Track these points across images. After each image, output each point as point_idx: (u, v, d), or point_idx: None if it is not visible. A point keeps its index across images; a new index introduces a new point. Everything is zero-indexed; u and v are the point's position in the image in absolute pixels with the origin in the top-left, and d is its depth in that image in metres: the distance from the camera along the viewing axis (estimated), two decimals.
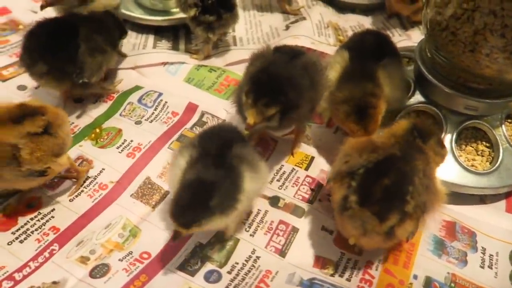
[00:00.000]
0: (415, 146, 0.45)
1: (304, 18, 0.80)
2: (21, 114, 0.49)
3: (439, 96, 0.55)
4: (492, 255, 0.51)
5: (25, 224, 0.51)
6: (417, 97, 0.58)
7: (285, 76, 0.49)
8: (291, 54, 0.54)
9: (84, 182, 0.56)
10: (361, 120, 0.52)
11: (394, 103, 0.55)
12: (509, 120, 0.59)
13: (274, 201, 0.54)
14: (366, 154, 0.45)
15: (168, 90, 0.68)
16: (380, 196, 0.43)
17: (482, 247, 0.51)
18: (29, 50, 0.58)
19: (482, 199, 0.56)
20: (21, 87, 0.68)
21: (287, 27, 0.79)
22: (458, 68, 0.52)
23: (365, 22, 0.83)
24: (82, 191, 0.55)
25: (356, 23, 0.82)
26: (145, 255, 0.49)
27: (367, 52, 0.56)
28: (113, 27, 0.67)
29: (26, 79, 0.68)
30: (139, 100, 0.67)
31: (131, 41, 0.77)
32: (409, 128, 0.46)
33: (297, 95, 0.49)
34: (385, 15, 0.84)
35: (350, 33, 0.79)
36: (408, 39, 0.78)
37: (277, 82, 0.48)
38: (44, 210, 0.53)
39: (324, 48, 0.74)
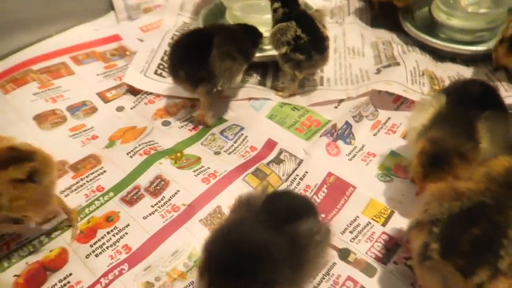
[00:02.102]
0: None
1: (397, 64, 0.77)
2: (8, 158, 0.47)
3: None
4: None
5: (102, 237, 0.54)
6: None
7: (256, 248, 0.37)
8: (284, 215, 0.41)
9: (158, 202, 0.58)
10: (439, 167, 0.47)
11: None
12: None
13: (344, 254, 0.51)
14: (448, 203, 0.40)
15: (250, 125, 0.69)
16: (466, 248, 0.37)
17: None
18: (172, 59, 0.66)
19: None
20: (120, 108, 0.74)
21: (379, 71, 0.76)
22: None
23: (466, 73, 0.77)
24: (156, 210, 0.57)
25: (455, 73, 0.77)
26: None
27: (469, 100, 0.52)
28: (246, 37, 0.71)
29: (124, 101, 0.75)
30: (221, 132, 0.69)
31: None
32: (507, 167, 0.41)
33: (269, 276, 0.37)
34: (490, 67, 0.77)
35: (447, 83, 0.73)
36: None
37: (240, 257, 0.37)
38: (120, 225, 0.55)
39: (417, 97, 0.70)
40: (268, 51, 0.81)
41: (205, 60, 0.63)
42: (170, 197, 0.58)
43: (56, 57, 0.80)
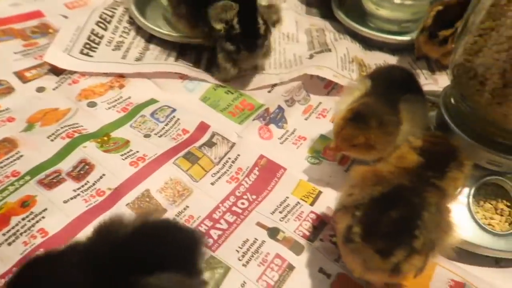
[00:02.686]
0: (429, 182, 0.42)
1: (329, 50, 0.79)
2: None
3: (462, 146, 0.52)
4: None
5: (16, 224, 0.50)
6: None
7: None
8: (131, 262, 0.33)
9: (82, 187, 0.55)
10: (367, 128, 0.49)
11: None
12: None
13: (273, 232, 0.51)
14: (370, 188, 0.42)
15: (182, 107, 0.67)
16: (384, 230, 0.39)
17: None
18: None
19: (497, 261, 0.52)
20: (40, 89, 0.68)
21: (311, 56, 0.78)
22: (483, 120, 0.49)
23: (392, 61, 0.81)
24: (79, 194, 0.54)
25: (382, 61, 0.81)
26: None
27: (392, 83, 0.54)
28: None
29: (46, 81, 0.69)
30: (152, 114, 0.66)
31: (154, 53, 0.77)
32: (419, 163, 0.42)
33: None
34: (413, 56, 0.82)
35: (373, 69, 0.77)
36: (434, 83, 0.75)
37: None
38: (37, 210, 0.51)
39: (346, 82, 0.72)
40: None
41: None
42: (95, 181, 0.55)
43: None
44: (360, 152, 0.52)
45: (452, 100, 0.54)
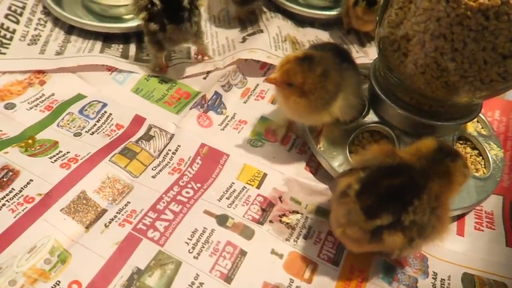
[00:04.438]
0: (437, 168, 0.43)
1: (261, 31, 0.78)
2: None
3: (392, 116, 0.54)
4: (444, 280, 0.49)
5: None
6: (371, 117, 0.56)
7: None
8: None
9: (7, 195, 0.50)
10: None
11: (349, 111, 0.53)
12: (461, 142, 0.59)
13: (222, 220, 0.50)
14: (382, 158, 0.43)
15: (114, 101, 0.63)
16: (380, 192, 0.41)
17: (434, 272, 0.50)
18: None
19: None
20: None
21: (244, 39, 0.77)
22: (410, 89, 0.51)
23: (324, 37, 0.82)
24: (4, 205, 0.49)
25: (314, 37, 0.81)
26: (74, 286, 0.43)
27: (333, 53, 0.53)
28: None
29: None
30: (81, 111, 0.62)
31: (76, 45, 0.71)
32: (435, 147, 0.43)
33: None
34: (343, 31, 0.84)
35: (308, 47, 0.77)
36: (365, 56, 0.78)
37: None
38: None
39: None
40: (127, 21, 0.76)
41: None
42: (22, 188, 0.51)
43: None
44: (291, 96, 0.50)
45: (381, 73, 0.56)
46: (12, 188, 0.50)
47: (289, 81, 0.48)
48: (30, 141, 0.57)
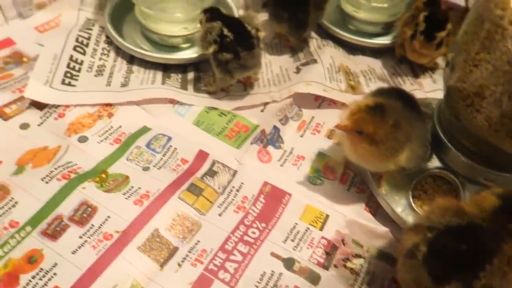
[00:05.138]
0: (509, 227, 0.42)
1: (315, 61, 0.79)
2: None
3: (457, 163, 0.54)
4: None
5: (27, 284, 0.48)
6: (434, 162, 0.57)
7: None
8: None
9: (87, 232, 0.53)
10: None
11: (415, 160, 0.54)
12: None
13: (289, 263, 0.53)
14: (449, 217, 0.43)
15: (177, 134, 0.66)
16: (449, 256, 0.40)
17: None
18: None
19: None
20: (24, 126, 0.65)
21: (298, 70, 0.78)
22: (478, 140, 0.51)
23: (376, 66, 0.83)
24: (86, 241, 0.52)
25: (366, 67, 0.82)
26: None
27: (399, 100, 0.54)
28: None
29: (29, 117, 0.66)
30: (148, 145, 0.65)
31: (139, 76, 0.75)
32: (498, 206, 0.42)
33: None
34: (395, 60, 0.84)
35: (361, 79, 0.78)
36: (420, 88, 0.77)
37: None
38: (46, 265, 0.50)
39: (336, 94, 0.73)
40: (185, 50, 0.79)
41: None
42: (100, 224, 0.54)
43: None
44: (362, 144, 0.51)
45: (446, 117, 0.56)
46: (92, 224, 0.54)
47: (360, 130, 0.50)
48: (103, 175, 0.60)
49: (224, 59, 0.67)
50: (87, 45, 0.77)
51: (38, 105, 0.67)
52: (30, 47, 0.76)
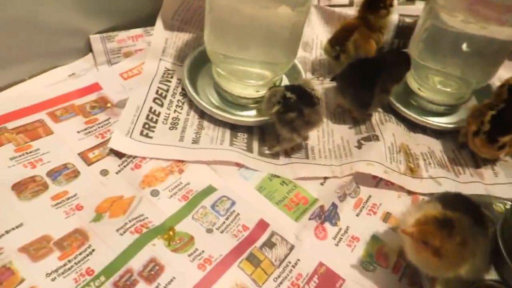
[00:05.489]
0: None
1: (377, 138, 0.81)
2: None
3: None
4: None
5: None
6: (491, 273, 0.58)
7: None
8: None
9: None
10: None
11: (474, 274, 0.55)
12: None
13: None
14: None
15: (241, 198, 0.70)
16: None
17: None
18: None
19: None
20: (104, 172, 0.71)
21: (360, 145, 0.81)
22: None
23: (436, 147, 0.84)
24: None
25: (427, 148, 0.83)
26: None
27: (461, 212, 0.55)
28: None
29: (109, 163, 0.72)
30: (213, 206, 0.69)
31: (209, 134, 0.79)
32: None
33: None
34: (456, 144, 0.85)
35: (421, 162, 0.80)
36: (480, 180, 0.78)
37: None
38: None
39: (395, 177, 0.75)
40: (254, 109, 0.83)
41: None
42: (166, 284, 0.58)
43: (32, 114, 0.74)
44: (425, 253, 0.53)
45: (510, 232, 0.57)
46: (159, 283, 0.58)
47: (426, 241, 0.52)
48: (171, 232, 0.65)
49: (289, 118, 0.72)
50: (165, 97, 0.83)
51: (118, 153, 0.73)
52: (114, 93, 0.82)
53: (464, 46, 0.81)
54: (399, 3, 0.99)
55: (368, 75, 0.79)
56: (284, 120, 0.73)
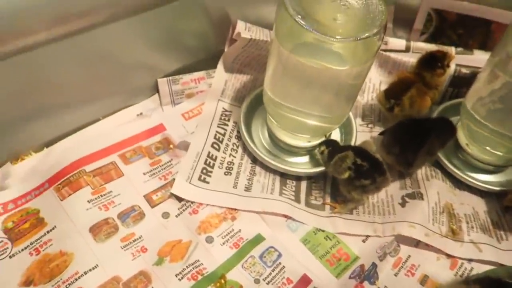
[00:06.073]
0: None
1: (421, 196, 0.84)
2: None
3: None
4: None
5: None
6: None
7: None
8: None
9: None
10: None
11: None
12: None
13: None
14: None
15: (287, 250, 0.76)
16: None
17: None
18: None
19: None
20: (165, 215, 0.78)
21: (403, 202, 0.84)
22: None
23: (480, 209, 0.85)
24: None
25: (471, 209, 0.85)
26: None
27: None
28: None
29: (169, 206, 0.79)
30: (261, 257, 0.76)
31: (260, 181, 0.85)
32: None
33: None
34: (501, 205, 0.86)
35: (463, 225, 0.82)
36: None
37: None
38: None
39: (436, 240, 0.78)
40: (304, 156, 0.87)
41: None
42: None
43: (106, 156, 0.82)
44: None
45: None
46: None
47: None
48: (222, 280, 0.72)
49: (362, 185, 0.78)
50: (221, 141, 0.89)
51: (177, 196, 0.80)
52: (176, 134, 0.89)
53: None
54: (456, 52, 0.98)
55: (416, 137, 0.81)
56: (354, 185, 0.78)
